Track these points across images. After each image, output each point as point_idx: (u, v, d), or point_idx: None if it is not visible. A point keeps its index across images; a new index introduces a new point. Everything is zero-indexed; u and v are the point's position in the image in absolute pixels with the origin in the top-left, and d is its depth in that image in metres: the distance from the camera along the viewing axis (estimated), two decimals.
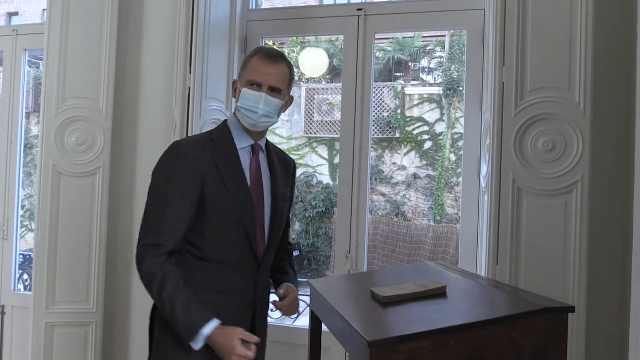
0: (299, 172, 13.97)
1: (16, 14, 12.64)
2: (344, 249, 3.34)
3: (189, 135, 3.21)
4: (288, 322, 3.72)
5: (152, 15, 3.59)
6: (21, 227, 4.36)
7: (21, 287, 4.12)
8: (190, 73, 3.20)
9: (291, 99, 2.15)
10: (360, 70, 3.33)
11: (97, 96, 3.42)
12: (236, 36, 3.51)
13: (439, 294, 1.82)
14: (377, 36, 3.39)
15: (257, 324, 2.08)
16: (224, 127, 2.09)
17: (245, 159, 2.05)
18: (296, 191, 2.32)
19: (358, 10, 3.33)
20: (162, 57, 3.52)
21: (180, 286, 1.86)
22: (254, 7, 3.65)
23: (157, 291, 1.87)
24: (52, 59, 3.40)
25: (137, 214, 3.48)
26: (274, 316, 3.94)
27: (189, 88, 3.20)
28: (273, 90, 2.01)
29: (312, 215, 13.41)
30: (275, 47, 14.34)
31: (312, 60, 11.62)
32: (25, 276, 5.05)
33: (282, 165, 2.20)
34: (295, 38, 12.31)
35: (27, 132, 4.19)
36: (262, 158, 2.11)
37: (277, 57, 2.03)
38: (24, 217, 9.24)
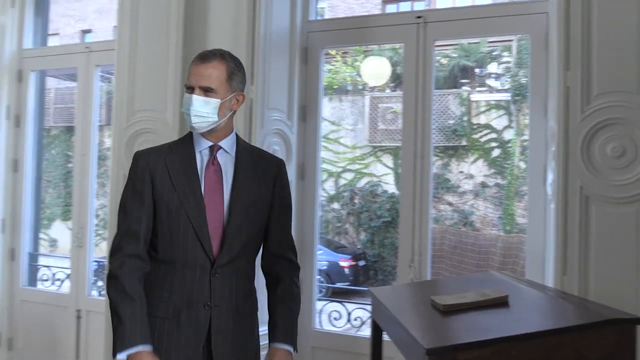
0: (363, 181, 13.95)
1: (89, 31, 13.26)
2: (407, 258, 3.31)
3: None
4: (351, 331, 3.72)
5: (215, 30, 3.69)
6: (95, 236, 4.55)
7: (95, 292, 4.30)
8: (252, 84, 3.27)
9: (241, 96, 2.10)
10: (421, 78, 3.30)
11: (164, 109, 3.54)
12: (297, 47, 3.56)
13: (501, 303, 1.78)
14: (440, 43, 3.37)
15: (213, 326, 2.02)
16: (187, 134, 2.15)
17: (202, 161, 2.08)
18: (285, 193, 2.20)
19: (417, 17, 3.31)
20: None
21: (126, 297, 1.94)
22: (314, 18, 3.69)
23: (110, 294, 1.98)
24: (122, 74, 3.56)
25: None
26: (338, 324, 3.95)
27: (251, 99, 3.27)
28: (206, 90, 2.01)
29: (377, 225, 13.36)
30: (337, 56, 14.46)
31: (373, 69, 11.61)
32: (100, 282, 5.26)
33: (256, 165, 2.14)
34: (358, 47, 12.33)
35: (101, 144, 4.40)
36: (227, 159, 2.10)
37: (209, 56, 2.04)
38: (98, 226, 9.65)
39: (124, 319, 1.92)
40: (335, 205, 14.07)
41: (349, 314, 3.79)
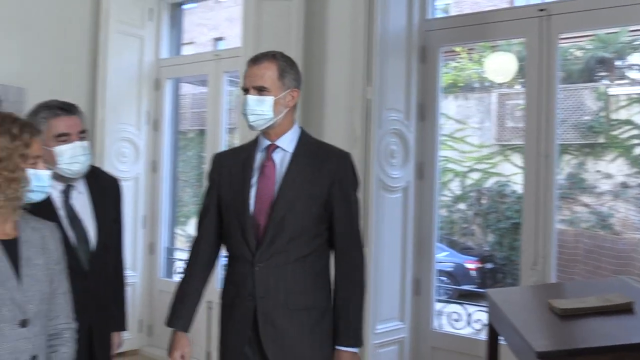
0: (490, 180, 13.51)
1: (221, 38, 13.96)
2: (530, 261, 3.20)
3: (370, 146, 3.34)
4: (464, 332, 3.65)
5: (333, 33, 3.78)
6: None
7: None
8: (369, 85, 3.32)
9: (295, 92, 2.13)
10: (545, 74, 3.17)
11: None
12: (414, 46, 3.56)
13: (625, 310, 1.68)
14: (569, 35, 3.20)
15: (259, 318, 2.07)
16: (257, 136, 2.22)
17: (261, 160, 2.15)
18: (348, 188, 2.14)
19: (540, 10, 3.18)
20: (343, 72, 3.69)
21: (184, 280, 2.19)
22: (432, 17, 3.66)
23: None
24: None
25: None
26: (458, 326, 3.89)
27: (368, 100, 3.32)
28: (259, 90, 2.07)
29: (506, 227, 12.87)
30: (463, 53, 14.11)
31: (498, 65, 11.20)
32: None
33: (314, 161, 2.13)
34: (484, 42, 11.97)
35: (230, 146, 4.66)
36: (284, 156, 2.14)
37: (260, 58, 2.11)
38: None
39: (175, 300, 2.17)
40: (462, 206, 13.74)
41: (469, 315, 3.72)
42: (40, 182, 1.71)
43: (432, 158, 3.62)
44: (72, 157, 2.22)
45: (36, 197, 1.73)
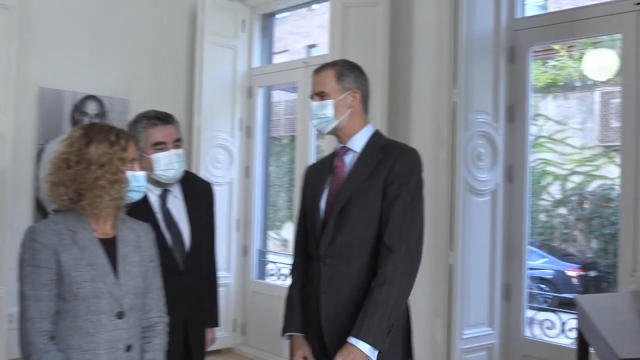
0: (593, 184, 12.86)
1: (314, 45, 14.19)
2: (629, 267, 3.05)
3: (456, 148, 3.31)
4: (557, 340, 3.52)
5: (419, 37, 3.78)
6: None
7: None
8: (455, 87, 3.29)
9: (357, 93, 2.19)
10: None
11: (372, 117, 3.71)
12: (502, 47, 3.49)
13: None
14: None
15: (322, 313, 2.10)
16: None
17: (334, 163, 2.23)
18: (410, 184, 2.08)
19: (637, 4, 3.03)
20: (429, 74, 3.68)
21: (289, 289, 2.28)
22: (520, 16, 3.57)
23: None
24: None
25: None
26: (551, 334, 3.76)
27: (454, 102, 3.29)
28: (320, 95, 2.17)
29: (611, 233, 12.19)
30: (562, 50, 13.53)
31: (598, 62, 10.64)
32: None
33: (378, 160, 2.13)
34: (586, 39, 11.43)
35: (319, 151, 4.76)
36: (353, 157, 2.18)
37: (321, 67, 2.22)
38: None
39: (286, 310, 2.25)
40: (562, 211, 13.16)
41: (563, 324, 3.58)
42: (137, 182, 1.86)
43: (522, 161, 3.53)
44: (167, 164, 2.37)
45: (135, 196, 1.88)
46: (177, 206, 2.47)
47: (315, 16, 14.30)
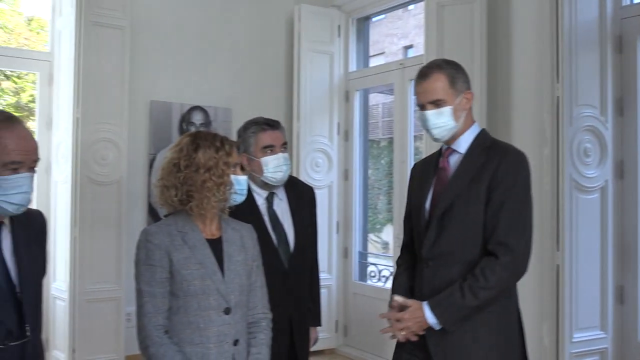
0: None
1: (410, 46, 14.06)
2: None
3: (561, 144, 3.19)
4: None
5: (518, 32, 3.67)
6: None
7: None
8: (558, 82, 3.18)
9: (469, 94, 2.13)
10: None
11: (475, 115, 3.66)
12: (608, 37, 3.33)
13: None
14: None
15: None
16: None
17: (439, 163, 2.18)
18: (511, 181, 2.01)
19: None
20: (530, 69, 3.57)
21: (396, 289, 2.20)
22: (628, 3, 3.38)
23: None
24: None
25: None
26: None
27: (557, 97, 3.18)
28: (434, 103, 2.07)
29: None
30: None
31: None
32: None
33: (481, 161, 2.06)
34: None
35: (417, 153, 4.74)
36: (459, 158, 2.13)
37: (426, 72, 2.10)
38: None
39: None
40: None
41: None
42: (240, 186, 1.98)
43: (635, 155, 3.34)
44: (276, 166, 2.49)
45: (238, 199, 1.99)
46: (282, 208, 2.58)
47: (411, 17, 14.18)
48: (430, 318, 1.98)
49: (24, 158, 1.64)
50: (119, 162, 4.37)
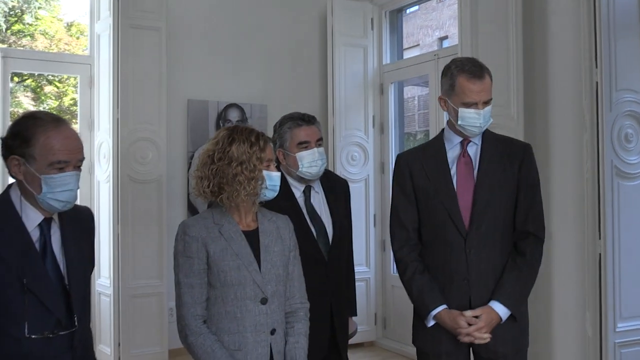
0: None
1: (446, 37, 13.92)
2: None
3: (599, 131, 3.13)
4: None
5: (554, 14, 3.61)
6: None
7: None
8: (597, 67, 3.11)
9: None
10: None
11: (507, 103, 3.62)
12: None
13: None
14: None
15: (473, 299, 2.20)
16: (438, 134, 2.41)
17: (453, 154, 2.31)
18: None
19: None
20: (567, 55, 3.50)
21: (413, 274, 2.27)
22: None
23: (401, 273, 2.36)
24: None
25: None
26: None
27: (596, 82, 3.11)
28: (487, 103, 2.25)
29: None
30: None
31: None
32: None
33: (501, 151, 2.31)
34: None
35: None
36: (476, 149, 2.31)
37: (481, 74, 2.24)
38: None
39: (418, 293, 2.26)
40: None
41: None
42: (272, 182, 1.99)
43: None
44: (311, 162, 2.51)
45: (269, 194, 2.00)
46: (318, 201, 2.61)
47: (445, 7, 14.04)
48: (504, 314, 2.17)
49: (70, 157, 1.72)
50: (159, 160, 4.46)
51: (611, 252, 3.09)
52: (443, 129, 2.41)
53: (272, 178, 1.98)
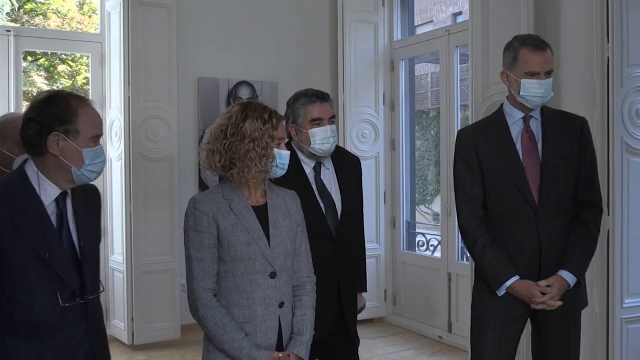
0: None
1: (460, 13, 13.76)
2: None
3: (610, 106, 3.11)
4: None
5: None
6: None
7: (464, 258, 4.61)
8: (608, 42, 3.08)
9: None
10: None
11: None
12: None
13: None
14: None
15: (542, 269, 2.34)
16: (497, 110, 2.50)
17: (517, 129, 2.42)
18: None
19: None
20: (579, 30, 3.46)
21: (483, 245, 2.37)
22: None
23: (468, 245, 2.46)
24: (476, 51, 3.74)
25: None
26: None
27: (607, 58, 3.09)
28: (549, 73, 2.35)
29: None
30: None
31: None
32: None
33: (561, 125, 2.41)
34: None
35: (464, 122, 4.67)
36: (537, 124, 2.42)
37: (542, 45, 2.35)
38: None
39: (489, 265, 2.36)
40: None
41: None
42: (282, 160, 2.00)
43: None
44: (323, 138, 2.52)
45: (279, 172, 2.02)
46: (328, 177, 2.62)
47: None
48: (572, 281, 2.31)
49: (101, 131, 1.87)
50: (170, 138, 4.50)
51: (620, 228, 3.10)
52: (502, 105, 2.49)
53: (282, 156, 2.00)
